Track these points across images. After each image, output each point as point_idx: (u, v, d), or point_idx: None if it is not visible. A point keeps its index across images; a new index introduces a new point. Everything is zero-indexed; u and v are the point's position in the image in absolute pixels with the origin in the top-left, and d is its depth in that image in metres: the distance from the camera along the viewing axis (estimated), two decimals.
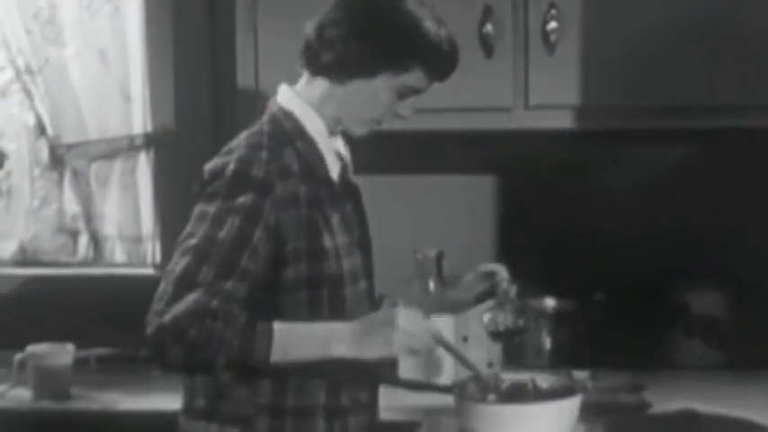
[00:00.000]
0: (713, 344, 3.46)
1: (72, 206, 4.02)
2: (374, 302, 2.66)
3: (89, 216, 4.00)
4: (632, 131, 3.35)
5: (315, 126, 2.54)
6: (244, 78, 3.38)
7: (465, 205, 3.66)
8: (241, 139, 2.51)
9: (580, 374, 3.18)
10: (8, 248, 4.05)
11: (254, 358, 2.34)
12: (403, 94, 2.53)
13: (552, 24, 3.24)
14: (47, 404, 3.32)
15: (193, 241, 2.37)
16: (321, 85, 2.53)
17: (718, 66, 3.19)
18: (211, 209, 2.39)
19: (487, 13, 3.25)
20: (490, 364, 3.29)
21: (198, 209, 2.42)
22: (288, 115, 2.54)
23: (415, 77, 2.51)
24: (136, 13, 3.91)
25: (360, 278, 2.57)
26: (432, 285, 3.24)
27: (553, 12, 3.23)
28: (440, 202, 3.66)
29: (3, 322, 3.76)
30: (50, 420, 3.26)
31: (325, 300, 2.47)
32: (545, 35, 3.24)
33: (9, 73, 3.99)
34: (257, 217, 2.39)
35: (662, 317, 3.50)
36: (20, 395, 3.39)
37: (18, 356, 3.41)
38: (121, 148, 3.97)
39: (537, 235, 3.63)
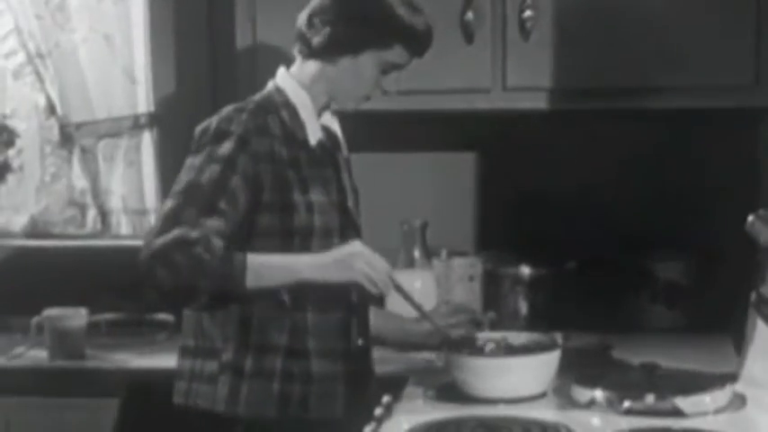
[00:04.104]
0: (676, 308, 3.56)
1: (80, 181, 4.07)
2: None
3: (96, 191, 4.05)
4: (601, 111, 3.44)
5: (300, 100, 2.74)
6: (242, 61, 3.45)
7: (447, 179, 3.75)
8: (230, 106, 2.73)
9: (553, 336, 3.37)
10: (20, 221, 4.10)
11: (231, 283, 2.54)
12: (386, 69, 2.73)
13: (528, 13, 3.32)
14: (62, 363, 3.43)
15: (179, 186, 2.60)
16: (313, 66, 2.75)
17: (682, 49, 3.29)
18: (197, 160, 2.62)
19: (468, 2, 3.34)
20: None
21: (188, 161, 2.65)
22: (279, 91, 2.76)
23: (395, 54, 2.71)
24: (139, 0, 3.95)
25: (333, 235, 2.72)
26: (417, 253, 3.36)
27: (529, 1, 3.31)
28: (424, 177, 3.75)
29: (16, 290, 3.81)
30: (66, 378, 3.37)
31: (296, 249, 2.65)
32: (521, 23, 3.33)
33: (21, 56, 4.03)
34: (234, 166, 2.60)
35: (629, 283, 3.58)
36: (37, 355, 3.49)
37: (35, 319, 3.51)
38: (126, 127, 4.02)
39: (514, 207, 3.70)
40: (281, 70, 2.81)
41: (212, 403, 2.68)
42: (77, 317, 3.49)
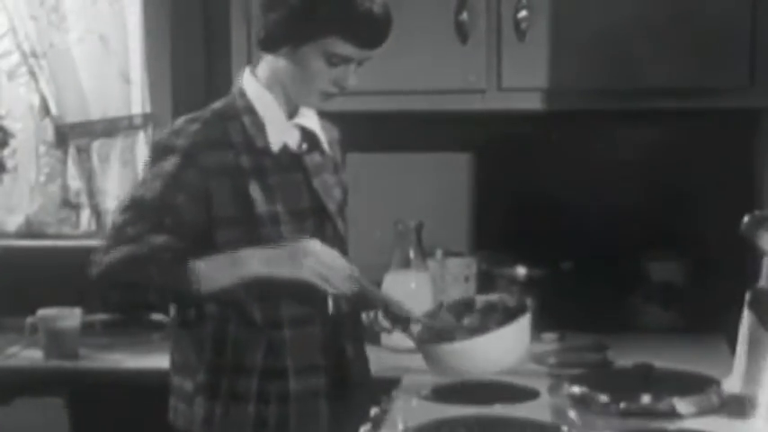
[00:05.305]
0: (670, 309, 3.56)
1: (75, 182, 4.07)
2: None
3: (91, 191, 4.04)
4: (596, 112, 3.43)
5: (262, 103, 2.60)
6: (238, 61, 3.40)
7: (442, 180, 3.74)
8: (184, 116, 2.64)
9: (549, 336, 3.33)
10: (15, 221, 4.09)
11: (183, 290, 2.50)
12: (334, 62, 2.53)
13: (523, 13, 3.32)
14: (56, 363, 3.43)
15: (128, 202, 2.55)
16: (267, 61, 2.61)
17: (678, 50, 3.29)
18: (146, 175, 2.56)
19: (463, 3, 3.34)
20: None
21: (141, 176, 2.62)
22: (242, 94, 2.62)
23: (334, 44, 2.51)
24: (135, 1, 3.96)
25: None
26: (411, 253, 3.35)
27: (524, 1, 3.31)
28: (419, 178, 3.74)
29: (10, 290, 3.80)
30: (60, 378, 3.37)
31: None
32: (516, 23, 3.32)
33: (16, 57, 4.02)
34: (179, 182, 2.51)
35: (624, 284, 3.58)
36: (31, 355, 3.49)
37: (29, 319, 3.51)
38: (121, 127, 4.01)
39: (509, 208, 3.70)
40: (246, 71, 2.68)
41: (190, 425, 2.64)
42: (72, 317, 3.49)
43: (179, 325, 2.68)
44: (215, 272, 2.51)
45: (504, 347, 2.63)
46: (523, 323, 2.65)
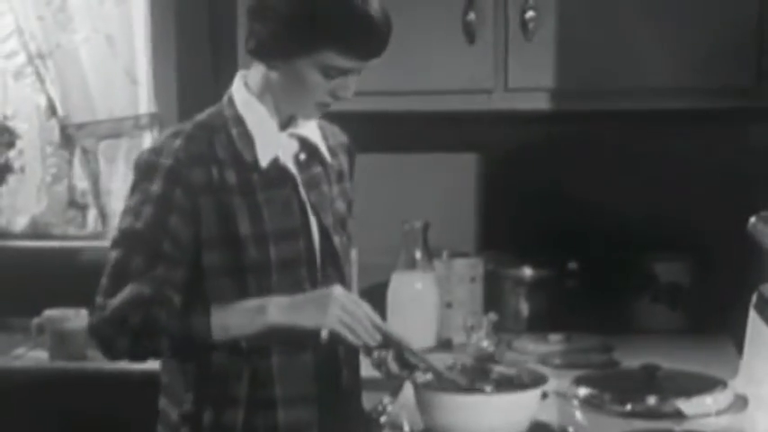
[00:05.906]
0: (677, 309, 3.54)
1: (81, 182, 4.05)
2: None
3: (97, 192, 4.03)
4: (603, 112, 3.42)
5: (252, 113, 2.44)
6: (244, 62, 3.42)
7: (449, 181, 3.72)
8: (168, 130, 2.50)
9: (555, 337, 3.31)
10: (21, 222, 4.08)
11: (195, 337, 2.33)
12: (330, 74, 2.36)
13: (530, 13, 3.31)
14: (63, 364, 3.42)
15: (119, 235, 2.38)
16: (259, 71, 2.45)
17: (685, 50, 3.28)
18: (132, 202, 2.38)
19: (470, 3, 3.33)
20: (472, 328, 3.37)
21: (126, 202, 2.42)
22: (231, 102, 2.46)
23: (331, 57, 2.33)
24: (141, 1, 3.96)
25: (300, 265, 2.44)
26: (418, 254, 3.35)
27: (531, 2, 3.31)
28: (426, 178, 3.72)
29: (17, 291, 3.78)
30: (66, 379, 3.37)
31: (252, 288, 2.39)
32: (523, 23, 3.32)
33: (22, 57, 4.02)
34: (169, 204, 2.35)
35: (630, 284, 3.56)
36: (37, 356, 3.49)
37: (36, 320, 3.51)
38: (128, 128, 4.00)
39: (515, 209, 3.68)
40: (238, 76, 2.51)
41: None
42: (78, 318, 3.48)
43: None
44: (231, 321, 2.34)
45: (508, 414, 2.39)
46: (535, 394, 2.42)
